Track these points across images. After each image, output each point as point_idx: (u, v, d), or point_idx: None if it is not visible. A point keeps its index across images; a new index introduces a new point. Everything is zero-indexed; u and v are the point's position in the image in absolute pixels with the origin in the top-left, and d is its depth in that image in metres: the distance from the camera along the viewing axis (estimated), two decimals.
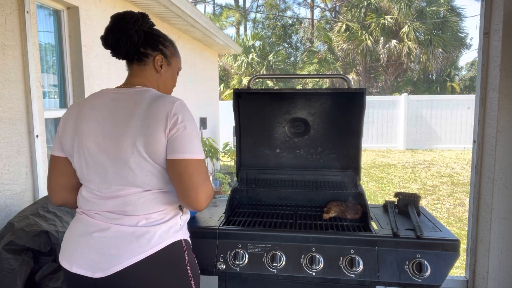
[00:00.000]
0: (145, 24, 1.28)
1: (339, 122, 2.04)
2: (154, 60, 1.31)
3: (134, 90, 1.25)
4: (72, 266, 1.20)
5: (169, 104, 1.18)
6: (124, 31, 1.24)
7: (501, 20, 2.07)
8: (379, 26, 16.98)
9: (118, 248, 1.17)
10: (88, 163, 1.23)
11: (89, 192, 1.26)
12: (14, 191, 2.38)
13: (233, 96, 1.99)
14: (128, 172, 1.18)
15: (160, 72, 1.33)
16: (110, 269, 1.16)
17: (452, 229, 5.22)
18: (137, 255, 1.17)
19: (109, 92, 1.27)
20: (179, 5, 4.86)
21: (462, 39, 17.86)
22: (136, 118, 1.17)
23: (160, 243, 1.20)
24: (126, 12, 1.27)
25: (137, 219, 1.20)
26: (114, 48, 1.27)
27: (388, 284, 1.47)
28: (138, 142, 1.16)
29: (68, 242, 1.26)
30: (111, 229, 1.19)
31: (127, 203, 1.20)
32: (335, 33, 18.48)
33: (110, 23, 1.27)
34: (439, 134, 12.16)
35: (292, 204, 1.99)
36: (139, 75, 1.30)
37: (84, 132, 1.22)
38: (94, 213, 1.24)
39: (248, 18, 25.65)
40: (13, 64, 2.38)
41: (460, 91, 19.36)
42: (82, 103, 1.28)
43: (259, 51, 19.50)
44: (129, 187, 1.20)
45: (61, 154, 1.29)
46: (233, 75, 19.47)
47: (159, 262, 1.19)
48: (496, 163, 2.13)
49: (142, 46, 1.28)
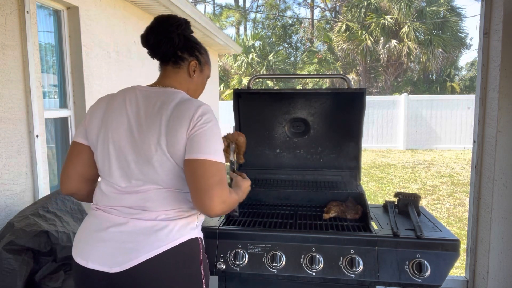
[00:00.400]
0: (186, 29, 1.33)
1: (339, 122, 2.04)
2: (189, 65, 1.34)
3: (164, 90, 1.28)
4: (88, 262, 1.20)
5: (195, 107, 1.21)
6: (167, 34, 1.28)
7: (501, 20, 2.07)
8: (379, 26, 16.98)
9: (136, 242, 1.18)
10: (111, 156, 1.24)
11: (108, 186, 1.27)
12: (14, 191, 2.38)
13: (233, 96, 1.99)
14: (150, 169, 1.20)
15: (192, 77, 1.36)
16: (127, 263, 1.16)
17: (452, 229, 5.22)
18: (155, 249, 1.17)
19: (141, 89, 1.30)
20: (179, 5, 4.86)
21: (462, 39, 17.86)
22: (163, 117, 1.20)
23: (178, 238, 1.21)
24: (170, 15, 1.32)
25: (156, 214, 1.21)
26: (154, 48, 1.30)
27: (388, 284, 1.47)
28: (162, 141, 1.18)
29: (82, 238, 1.26)
30: (129, 223, 1.21)
31: (146, 198, 1.22)
32: (335, 33, 18.48)
33: (153, 24, 1.30)
34: (439, 134, 12.16)
35: (292, 204, 1.99)
36: (172, 77, 1.34)
37: (113, 125, 1.24)
38: (111, 208, 1.25)
39: (248, 18, 25.66)
40: (13, 64, 2.38)
41: (460, 91, 19.36)
42: (113, 97, 1.31)
43: (259, 51, 19.51)
44: (149, 183, 1.22)
45: (84, 142, 1.31)
46: (233, 75, 19.47)
47: (175, 257, 1.20)
48: (496, 163, 2.13)
49: (180, 50, 1.32)
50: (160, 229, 1.19)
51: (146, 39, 1.30)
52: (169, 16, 1.31)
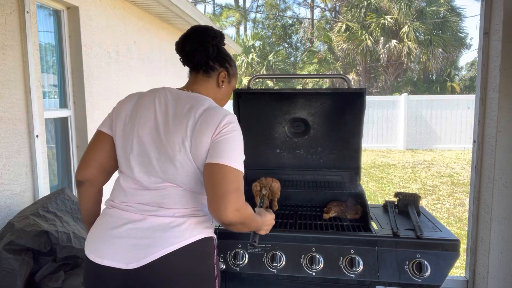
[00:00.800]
0: (221, 41, 1.37)
1: (339, 122, 2.04)
2: (219, 75, 1.39)
3: (195, 95, 1.31)
4: (104, 259, 1.21)
5: (222, 114, 1.24)
6: (203, 43, 1.32)
7: (501, 20, 2.07)
8: (379, 26, 16.98)
9: (153, 238, 1.20)
10: (133, 150, 1.26)
11: (127, 181, 1.28)
12: (14, 191, 2.38)
13: (233, 96, 1.99)
14: (171, 168, 1.23)
15: (221, 86, 1.40)
16: (144, 259, 1.18)
17: (452, 229, 5.22)
18: (171, 245, 1.19)
19: (171, 90, 1.34)
20: (179, 5, 4.86)
21: (462, 39, 17.86)
22: (190, 120, 1.23)
23: (194, 236, 1.23)
24: (208, 26, 1.37)
25: (172, 212, 1.24)
26: (189, 55, 1.34)
27: (388, 284, 1.47)
28: (186, 143, 1.21)
29: (97, 235, 1.27)
30: (146, 220, 1.22)
31: (164, 196, 1.24)
32: (335, 33, 18.48)
33: (190, 32, 1.35)
34: (439, 134, 12.15)
35: (292, 204, 1.99)
36: (202, 84, 1.37)
37: (140, 120, 1.27)
38: (127, 206, 1.26)
39: (248, 18, 25.65)
40: (13, 64, 2.38)
41: (460, 91, 19.35)
42: (143, 94, 1.34)
43: (259, 51, 19.50)
44: (168, 182, 1.24)
45: (109, 132, 1.33)
46: None
47: (191, 254, 1.22)
48: (496, 163, 2.13)
49: (212, 60, 1.36)
50: (176, 226, 1.22)
51: (182, 46, 1.34)
52: (207, 27, 1.36)
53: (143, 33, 4.91)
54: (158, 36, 5.45)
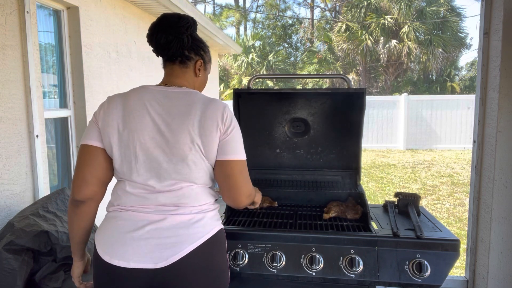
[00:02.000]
0: (194, 29, 1.36)
1: (339, 122, 2.04)
2: (196, 64, 1.38)
3: (183, 91, 1.31)
4: (130, 262, 1.20)
5: (221, 108, 1.28)
6: (178, 34, 1.30)
7: (501, 20, 2.07)
8: (379, 26, 16.98)
9: (177, 235, 1.22)
10: (138, 158, 1.24)
11: (136, 188, 1.26)
12: (14, 191, 2.38)
13: (233, 96, 1.99)
14: (184, 167, 1.24)
15: (198, 75, 1.40)
16: (173, 257, 1.20)
17: (452, 229, 5.22)
18: (197, 240, 1.23)
19: (157, 89, 1.30)
20: (179, 5, 4.86)
21: (462, 39, 17.85)
22: (193, 118, 1.23)
23: (213, 229, 1.29)
24: (180, 15, 1.33)
25: (190, 209, 1.26)
26: (164, 48, 1.32)
27: (388, 284, 1.47)
28: (197, 141, 1.23)
29: (116, 240, 1.23)
30: (167, 219, 1.24)
31: (180, 196, 1.26)
32: (335, 33, 18.48)
33: (163, 23, 1.30)
34: (439, 134, 12.15)
35: (292, 204, 1.99)
36: (179, 76, 1.36)
37: (137, 127, 1.24)
38: (143, 208, 1.25)
39: (248, 18, 25.65)
40: (13, 64, 2.38)
41: (460, 91, 19.34)
42: (127, 97, 1.29)
43: (259, 51, 19.50)
44: (183, 181, 1.26)
45: (99, 144, 1.28)
46: (233, 75, 19.46)
47: (212, 246, 1.28)
48: (496, 163, 2.13)
49: (188, 50, 1.34)
50: (196, 221, 1.25)
51: (156, 38, 1.30)
52: (179, 15, 1.32)
53: (143, 33, 4.90)
54: None
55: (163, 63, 1.38)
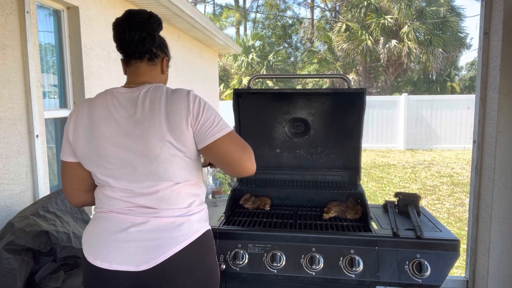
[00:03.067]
0: (162, 27, 1.34)
1: (339, 122, 2.04)
2: (162, 61, 1.38)
3: (146, 88, 1.27)
4: (112, 263, 1.20)
5: (185, 96, 1.24)
6: (151, 31, 1.29)
7: (501, 20, 2.07)
8: (379, 26, 16.97)
9: (160, 239, 1.21)
10: (112, 164, 1.23)
11: (116, 192, 1.26)
12: (14, 191, 2.38)
13: (233, 96, 1.99)
14: (158, 166, 1.22)
15: (164, 73, 1.40)
16: (155, 259, 1.19)
17: (452, 229, 5.22)
18: (180, 243, 1.22)
19: (120, 92, 1.28)
20: (179, 5, 4.86)
21: (462, 39, 17.85)
22: (158, 113, 1.21)
23: (198, 231, 1.27)
24: (150, 13, 1.31)
25: (173, 212, 1.25)
26: (138, 44, 1.28)
27: (388, 284, 1.47)
28: (167, 137, 1.20)
29: (99, 241, 1.24)
30: (150, 221, 1.23)
31: (159, 199, 1.24)
32: (335, 33, 18.47)
33: (135, 20, 1.26)
34: (439, 134, 12.15)
35: (292, 204, 1.99)
36: (147, 74, 1.33)
37: (104, 134, 1.23)
38: (126, 209, 1.25)
39: (248, 18, 25.64)
40: (13, 64, 2.38)
41: (460, 91, 19.34)
42: (92, 105, 1.28)
43: (259, 51, 19.49)
44: (160, 181, 1.24)
45: (73, 159, 1.31)
46: (233, 75, 19.46)
47: (197, 249, 1.26)
48: (496, 163, 2.13)
49: (155, 47, 1.34)
50: (180, 224, 1.24)
51: (130, 35, 1.26)
52: (150, 14, 1.30)
53: None
54: None
55: (126, 61, 1.34)
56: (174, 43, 6.12)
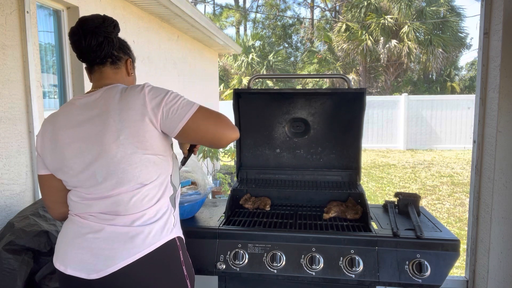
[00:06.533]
0: (118, 29, 1.32)
1: (339, 122, 2.04)
2: (126, 63, 1.36)
3: (103, 90, 1.26)
4: (67, 268, 1.20)
5: (139, 91, 1.20)
6: (107, 34, 1.26)
7: (501, 20, 2.07)
8: (379, 26, 16.97)
9: (112, 249, 1.17)
10: (73, 169, 1.23)
11: (78, 196, 1.26)
12: (14, 191, 2.38)
13: (233, 96, 1.99)
14: (116, 167, 1.18)
15: (130, 74, 1.39)
16: (104, 271, 1.16)
17: (452, 229, 5.22)
18: (132, 255, 1.17)
19: (79, 98, 1.29)
20: (179, 5, 4.86)
21: (462, 39, 17.85)
22: (112, 113, 1.18)
23: (155, 243, 1.20)
24: (104, 16, 1.29)
25: (130, 219, 1.20)
26: (96, 50, 1.26)
27: (388, 284, 1.47)
28: (122, 136, 1.16)
29: (62, 244, 1.26)
30: (105, 229, 1.20)
31: (117, 203, 1.21)
32: (335, 33, 18.47)
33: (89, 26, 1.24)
34: (439, 134, 12.16)
35: (292, 204, 1.99)
36: (111, 77, 1.32)
37: (65, 141, 1.23)
38: (87, 214, 1.24)
39: (248, 18, 25.64)
40: (13, 64, 2.38)
41: (460, 91, 19.34)
42: (55, 116, 1.29)
43: (259, 51, 19.50)
44: (119, 185, 1.20)
45: (46, 172, 1.31)
46: (233, 75, 19.46)
47: (154, 262, 1.20)
48: (496, 163, 2.13)
49: (116, 50, 1.32)
50: (135, 235, 1.19)
51: (86, 42, 1.24)
52: (104, 17, 1.28)
53: (143, 33, 4.90)
54: (158, 36, 5.44)
55: (89, 68, 1.33)
56: (174, 43, 6.12)
